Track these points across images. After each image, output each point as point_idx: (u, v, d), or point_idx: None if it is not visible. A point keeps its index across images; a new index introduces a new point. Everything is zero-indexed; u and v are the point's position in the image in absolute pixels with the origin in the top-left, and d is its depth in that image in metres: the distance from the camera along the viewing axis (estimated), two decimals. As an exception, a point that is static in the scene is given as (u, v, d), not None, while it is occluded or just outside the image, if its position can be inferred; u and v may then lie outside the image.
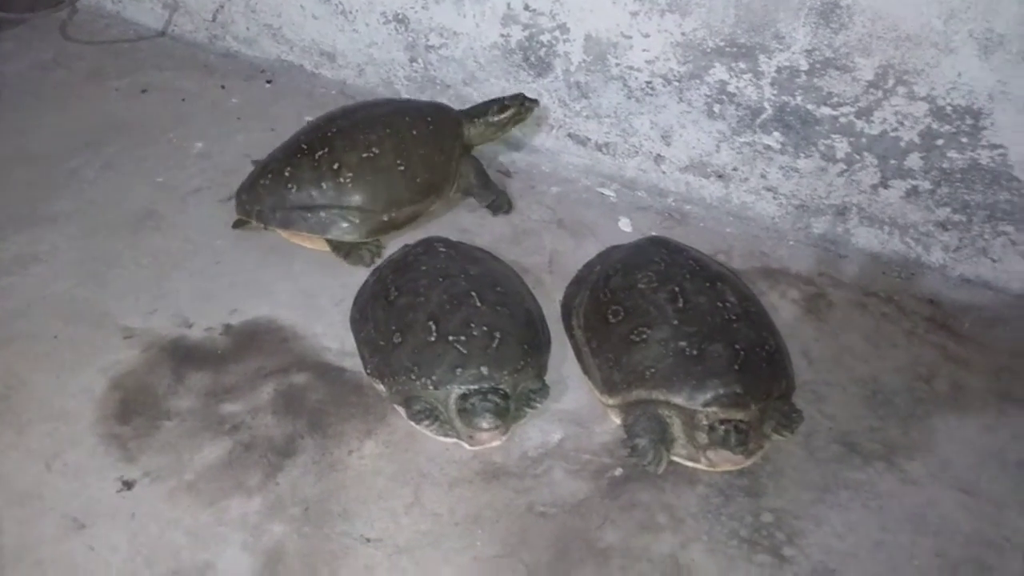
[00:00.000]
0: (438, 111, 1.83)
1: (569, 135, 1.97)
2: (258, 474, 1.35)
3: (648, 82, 1.78)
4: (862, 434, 1.43)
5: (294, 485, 1.34)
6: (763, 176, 1.78)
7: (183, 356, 1.53)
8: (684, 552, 1.26)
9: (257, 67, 2.36)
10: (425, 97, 2.11)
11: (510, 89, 1.97)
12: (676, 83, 1.75)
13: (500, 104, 1.81)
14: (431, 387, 1.35)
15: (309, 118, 2.18)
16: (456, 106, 1.89)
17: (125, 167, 1.97)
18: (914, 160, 1.60)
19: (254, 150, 2.05)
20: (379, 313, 1.47)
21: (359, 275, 1.66)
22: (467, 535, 1.27)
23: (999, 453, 1.40)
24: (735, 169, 1.80)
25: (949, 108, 1.51)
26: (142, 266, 1.70)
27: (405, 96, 2.14)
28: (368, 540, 1.26)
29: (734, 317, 1.40)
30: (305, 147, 1.74)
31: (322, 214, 1.70)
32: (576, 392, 1.51)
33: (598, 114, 1.89)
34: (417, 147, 1.74)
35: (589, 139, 1.95)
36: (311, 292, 1.67)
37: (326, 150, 1.71)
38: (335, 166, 1.69)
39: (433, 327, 1.39)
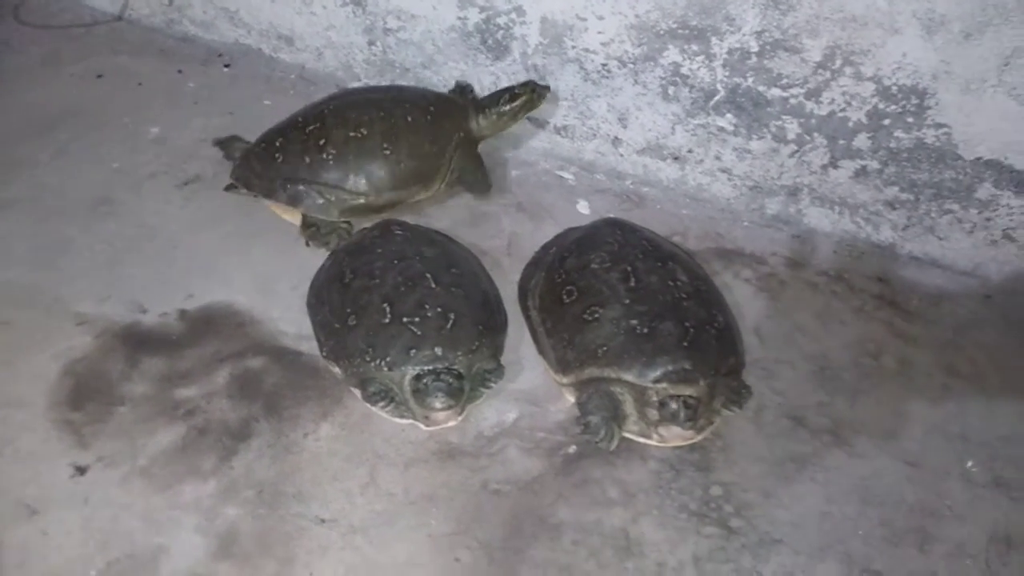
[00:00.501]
0: (442, 102, 1.80)
1: (528, 118, 1.97)
2: (212, 458, 1.35)
3: (604, 64, 1.79)
4: (810, 409, 1.46)
5: (249, 468, 1.34)
6: (718, 158, 1.80)
7: (137, 342, 1.52)
8: (635, 526, 1.28)
9: (215, 51, 2.33)
10: (384, 81, 2.10)
11: (469, 73, 1.97)
12: (631, 65, 1.76)
13: (511, 92, 1.78)
14: (385, 368, 1.36)
15: (268, 102, 2.17)
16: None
17: (80, 152, 1.94)
18: (862, 140, 1.63)
19: (211, 134, 2.03)
20: (335, 296, 1.47)
21: (317, 259, 1.66)
22: (422, 513, 1.29)
23: (942, 425, 1.44)
24: (690, 151, 1.82)
25: (895, 88, 1.54)
26: (96, 252, 1.68)
27: (364, 80, 2.13)
28: (323, 520, 1.27)
29: (684, 296, 1.42)
30: (300, 120, 1.76)
31: (300, 187, 1.70)
32: (532, 372, 1.52)
33: (556, 96, 1.90)
34: (408, 134, 1.71)
35: (548, 122, 1.96)
36: (269, 277, 1.67)
37: (317, 125, 1.72)
38: (321, 142, 1.70)
39: (387, 309, 1.39)
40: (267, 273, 1.68)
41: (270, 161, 1.73)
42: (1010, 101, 1.46)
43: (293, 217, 1.76)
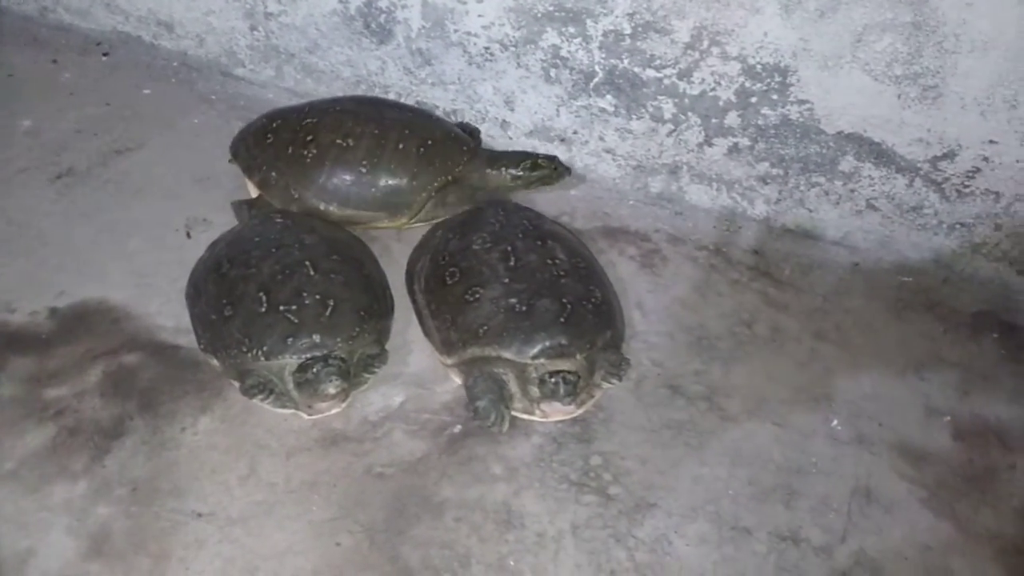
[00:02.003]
0: (446, 140, 1.71)
1: (417, 103, 1.97)
2: (84, 458, 1.31)
3: (486, 48, 1.80)
4: (687, 377, 1.51)
5: (122, 466, 1.31)
6: (601, 139, 1.84)
7: (4, 342, 1.46)
8: (516, 499, 1.31)
9: (92, 40, 2.24)
10: (269, 68, 2.06)
11: (355, 58, 1.95)
12: (513, 48, 1.77)
13: (533, 161, 1.71)
14: (263, 359, 1.34)
15: (148, 91, 2.10)
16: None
17: (-58, 148, 1.84)
18: (732, 118, 1.69)
19: (87, 126, 1.96)
20: (211, 287, 1.44)
21: (198, 251, 1.62)
22: (302, 501, 1.28)
23: (809, 387, 1.51)
24: (575, 132, 1.85)
25: (759, 67, 1.60)
26: (-41, 251, 1.60)
27: (248, 67, 2.08)
28: (199, 515, 1.25)
29: (562, 273, 1.45)
30: (306, 110, 1.74)
31: (273, 174, 1.67)
32: (419, 355, 1.53)
33: (443, 81, 1.90)
34: (392, 160, 1.65)
35: (437, 107, 1.96)
36: (147, 271, 1.62)
37: (314, 120, 1.69)
38: (308, 138, 1.67)
39: (264, 298, 1.37)
40: (145, 267, 1.63)
41: (261, 139, 1.71)
42: (864, 76, 1.54)
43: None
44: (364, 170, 1.65)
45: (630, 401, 1.47)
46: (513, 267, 1.45)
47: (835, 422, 1.45)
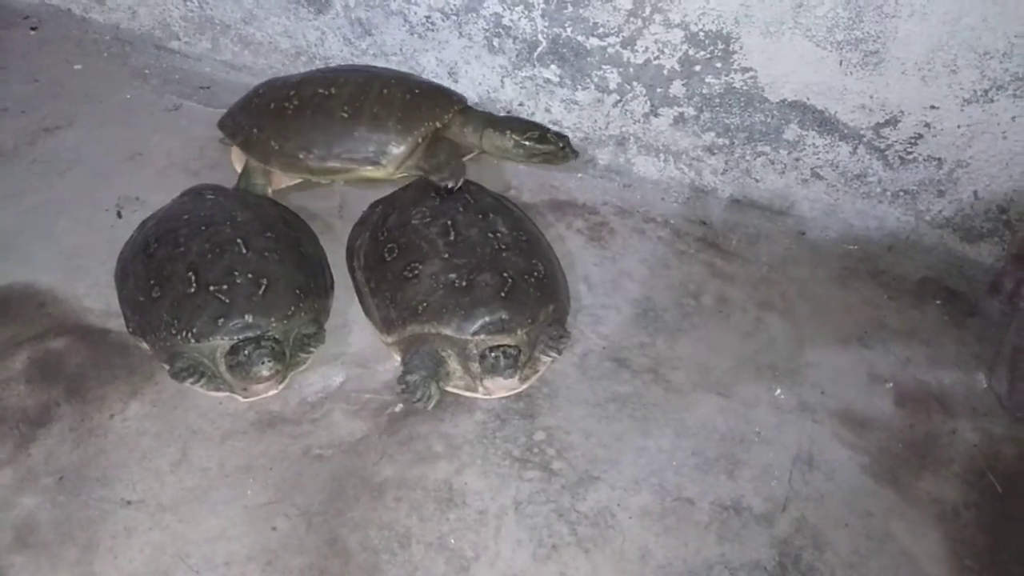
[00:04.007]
0: (435, 91, 1.64)
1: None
2: (8, 447, 1.26)
3: (427, 17, 1.75)
4: (633, 350, 1.50)
5: (48, 455, 1.26)
6: (547, 110, 1.81)
7: (-79, 332, 1.40)
8: (458, 477, 1.29)
9: (20, 13, 2.14)
10: (205, 40, 1.99)
11: (292, 28, 1.88)
12: (454, 17, 1.73)
13: (541, 133, 1.59)
14: (193, 340, 1.30)
15: (79, 66, 2.02)
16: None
17: None
18: (677, 87, 1.66)
19: (13, 103, 1.88)
20: (139, 268, 1.39)
21: (129, 232, 1.56)
22: (237, 486, 1.25)
23: (754, 357, 1.51)
24: (521, 104, 1.82)
25: (702, 34, 1.58)
26: None
27: (183, 40, 2.01)
28: (129, 503, 1.21)
29: (504, 247, 1.42)
30: (296, 76, 1.70)
31: (254, 130, 1.61)
32: (360, 334, 1.50)
33: (384, 52, 1.85)
34: (374, 104, 1.57)
35: (380, 79, 1.90)
36: (75, 253, 1.56)
37: (299, 80, 1.64)
38: (291, 92, 1.61)
39: (192, 278, 1.32)
40: (73, 249, 1.57)
41: (246, 104, 1.67)
42: (807, 43, 1.53)
43: (240, 165, 1.69)
44: (346, 115, 1.57)
45: (575, 375, 1.45)
46: (453, 242, 1.42)
47: (778, 391, 1.45)
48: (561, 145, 1.61)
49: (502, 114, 1.81)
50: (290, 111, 1.60)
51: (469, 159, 1.69)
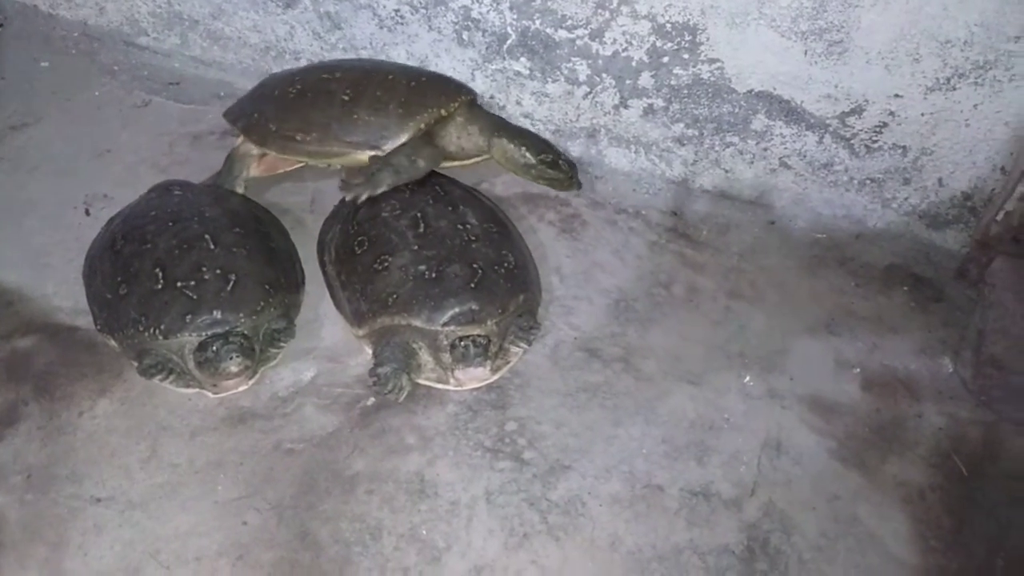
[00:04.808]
0: (444, 80, 1.64)
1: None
2: (-26, 447, 1.25)
3: (396, 10, 1.74)
4: (604, 340, 1.51)
5: (16, 454, 1.26)
6: (519, 103, 1.81)
7: None
8: (430, 469, 1.30)
9: (-15, 10, 2.12)
10: (173, 36, 1.97)
11: (261, 23, 1.87)
12: (423, 10, 1.72)
13: (554, 158, 1.62)
14: (161, 337, 1.29)
15: (45, 64, 2.00)
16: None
17: None
18: (646, 79, 1.67)
19: (-21, 102, 1.86)
20: (106, 265, 1.39)
21: (97, 229, 1.55)
22: (207, 481, 1.25)
23: (724, 345, 1.53)
24: (492, 97, 1.82)
25: (669, 25, 1.58)
26: None
27: (152, 35, 1.99)
28: (98, 500, 1.21)
29: (473, 238, 1.43)
30: (304, 66, 1.74)
31: (255, 114, 1.60)
32: (332, 328, 1.50)
33: (354, 46, 1.84)
34: (377, 89, 1.54)
35: (351, 74, 1.90)
36: (42, 251, 1.55)
37: (306, 68, 1.66)
38: (295, 78, 1.61)
39: (160, 274, 1.32)
40: (41, 247, 1.56)
41: (253, 92, 1.68)
42: (772, 33, 1.54)
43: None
44: (346, 98, 1.54)
45: (546, 366, 1.46)
46: (423, 233, 1.42)
47: (747, 378, 1.47)
48: (569, 176, 1.64)
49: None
50: (292, 95, 1.59)
51: (473, 164, 1.68)
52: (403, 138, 1.53)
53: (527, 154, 1.62)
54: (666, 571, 1.20)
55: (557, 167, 1.63)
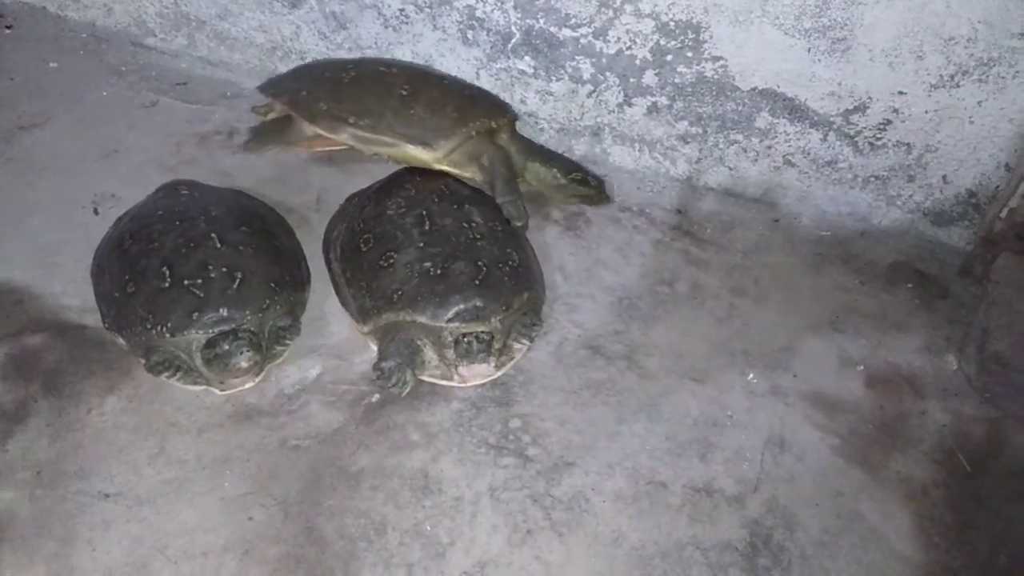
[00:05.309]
0: (494, 98, 1.71)
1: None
2: (-16, 444, 1.27)
3: (401, 10, 1.75)
4: (607, 337, 1.52)
5: (26, 450, 1.27)
6: (523, 102, 1.82)
7: (-103, 330, 1.40)
8: (434, 465, 1.31)
9: (-6, 11, 2.14)
10: (181, 36, 1.99)
11: (267, 23, 1.88)
12: (428, 10, 1.73)
13: (583, 176, 1.70)
14: (168, 335, 1.30)
15: (54, 64, 2.02)
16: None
17: None
18: (650, 77, 1.68)
19: (-12, 103, 1.88)
20: (114, 263, 1.40)
21: (106, 228, 1.56)
22: (214, 478, 1.26)
23: (727, 342, 1.53)
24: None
25: (672, 24, 1.59)
26: None
27: (159, 36, 2.00)
28: (107, 496, 1.22)
29: (478, 236, 1.44)
30: (360, 59, 1.78)
31: (303, 92, 1.62)
32: (338, 326, 1.51)
33: (359, 46, 1.85)
34: (433, 89, 1.60)
35: (356, 73, 1.91)
36: (52, 250, 1.56)
37: (359, 60, 1.70)
38: (349, 66, 1.64)
39: (166, 272, 1.33)
40: (50, 246, 1.57)
41: (295, 71, 1.70)
42: (775, 31, 1.54)
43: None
44: (405, 92, 1.58)
45: (550, 363, 1.47)
46: (428, 231, 1.43)
47: (751, 375, 1.47)
48: (599, 191, 1.71)
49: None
50: (346, 80, 1.62)
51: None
52: (455, 140, 1.58)
53: (558, 175, 1.70)
54: (669, 567, 1.20)
55: (587, 184, 1.72)
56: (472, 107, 1.62)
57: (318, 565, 1.18)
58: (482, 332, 1.34)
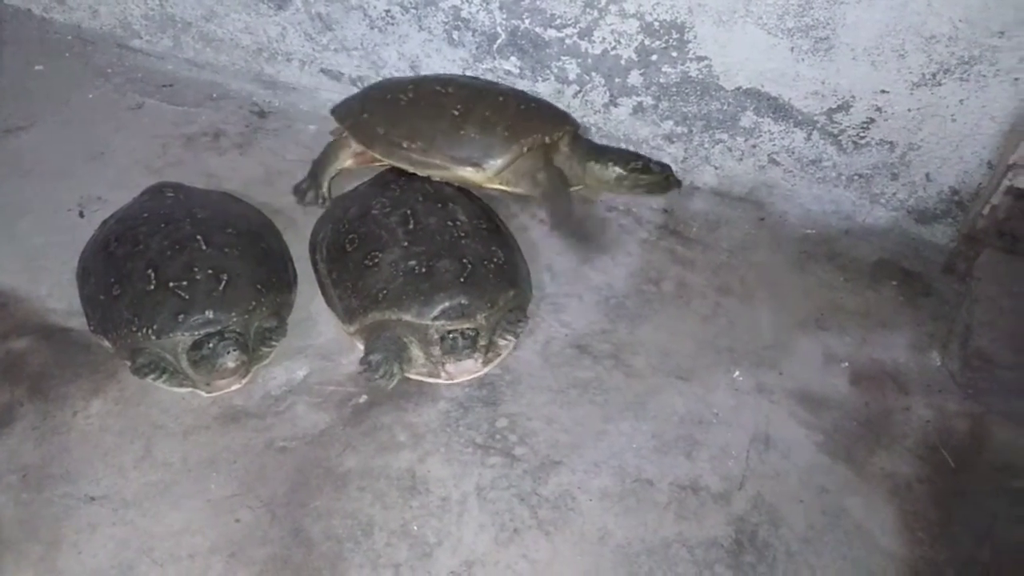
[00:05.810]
0: (553, 108, 1.65)
1: (322, 71, 1.92)
2: (-31, 447, 1.27)
3: (387, 11, 1.76)
4: (594, 337, 1.52)
5: (11, 454, 1.27)
6: (509, 101, 1.82)
7: None
8: (421, 465, 1.31)
9: (-21, 14, 2.13)
10: (166, 38, 1.98)
11: (253, 25, 1.89)
12: (414, 10, 1.74)
13: (645, 164, 1.61)
14: (154, 337, 1.30)
15: (40, 67, 2.01)
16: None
17: None
18: (635, 77, 1.68)
19: (-29, 105, 1.87)
20: (99, 266, 1.40)
21: (92, 231, 1.56)
22: (200, 480, 1.26)
23: (713, 340, 1.54)
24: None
25: (657, 24, 1.60)
26: None
27: (145, 38, 2.00)
28: (92, 499, 1.22)
29: (463, 234, 1.44)
30: (417, 77, 1.77)
31: (365, 115, 1.61)
32: (324, 327, 1.51)
33: (346, 47, 1.86)
34: (487, 109, 1.55)
35: (342, 74, 1.91)
36: (37, 253, 1.56)
37: (420, 79, 1.69)
38: (408, 86, 1.62)
39: (152, 275, 1.33)
40: (36, 249, 1.57)
41: (364, 93, 1.69)
42: (759, 31, 1.55)
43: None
44: (456, 113, 1.55)
45: (537, 363, 1.47)
46: (412, 230, 1.44)
47: (736, 373, 1.48)
48: (665, 176, 1.63)
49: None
50: (404, 102, 1.60)
51: (573, 192, 1.66)
52: (505, 159, 1.55)
53: (616, 168, 1.62)
54: (655, 564, 1.21)
55: (649, 171, 1.63)
56: (525, 123, 1.57)
57: (305, 566, 1.18)
58: (468, 328, 1.34)
